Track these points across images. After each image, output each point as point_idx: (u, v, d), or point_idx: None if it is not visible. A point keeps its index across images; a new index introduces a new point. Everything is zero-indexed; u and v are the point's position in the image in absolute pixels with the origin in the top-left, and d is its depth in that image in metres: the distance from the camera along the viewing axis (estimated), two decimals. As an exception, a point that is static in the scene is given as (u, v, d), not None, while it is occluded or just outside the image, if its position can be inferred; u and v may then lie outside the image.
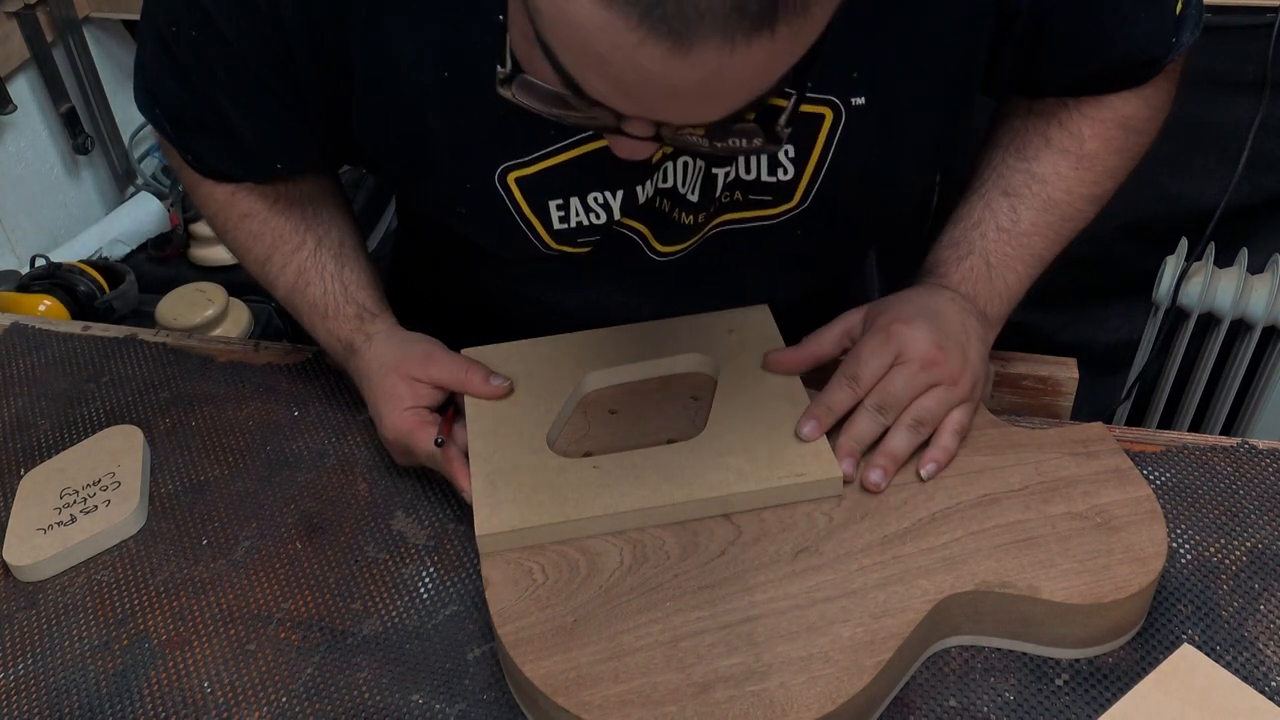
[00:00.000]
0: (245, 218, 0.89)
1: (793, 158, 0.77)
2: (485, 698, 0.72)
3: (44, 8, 1.66)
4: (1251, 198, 1.54)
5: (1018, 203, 0.83)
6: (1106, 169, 0.84)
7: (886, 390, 0.77)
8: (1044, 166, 0.83)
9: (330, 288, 0.88)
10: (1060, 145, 0.83)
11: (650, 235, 0.83)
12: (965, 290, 0.83)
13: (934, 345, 0.78)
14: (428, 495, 0.86)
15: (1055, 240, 0.85)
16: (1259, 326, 1.54)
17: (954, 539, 0.72)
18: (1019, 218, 0.83)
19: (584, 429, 0.82)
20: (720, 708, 0.64)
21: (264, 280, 0.91)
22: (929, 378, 0.77)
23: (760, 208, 0.81)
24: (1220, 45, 1.44)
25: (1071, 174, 0.83)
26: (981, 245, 0.84)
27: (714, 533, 0.74)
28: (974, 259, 0.84)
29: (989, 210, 0.84)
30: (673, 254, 0.84)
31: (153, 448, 0.93)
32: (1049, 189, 0.83)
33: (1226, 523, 0.79)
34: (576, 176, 0.77)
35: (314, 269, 0.89)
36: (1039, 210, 0.83)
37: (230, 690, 0.73)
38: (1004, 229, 0.83)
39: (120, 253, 1.73)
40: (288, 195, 0.89)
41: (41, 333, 1.08)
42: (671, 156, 0.76)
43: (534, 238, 0.81)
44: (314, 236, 0.89)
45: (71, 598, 0.81)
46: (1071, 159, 0.83)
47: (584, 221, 0.80)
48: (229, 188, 0.88)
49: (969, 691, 0.69)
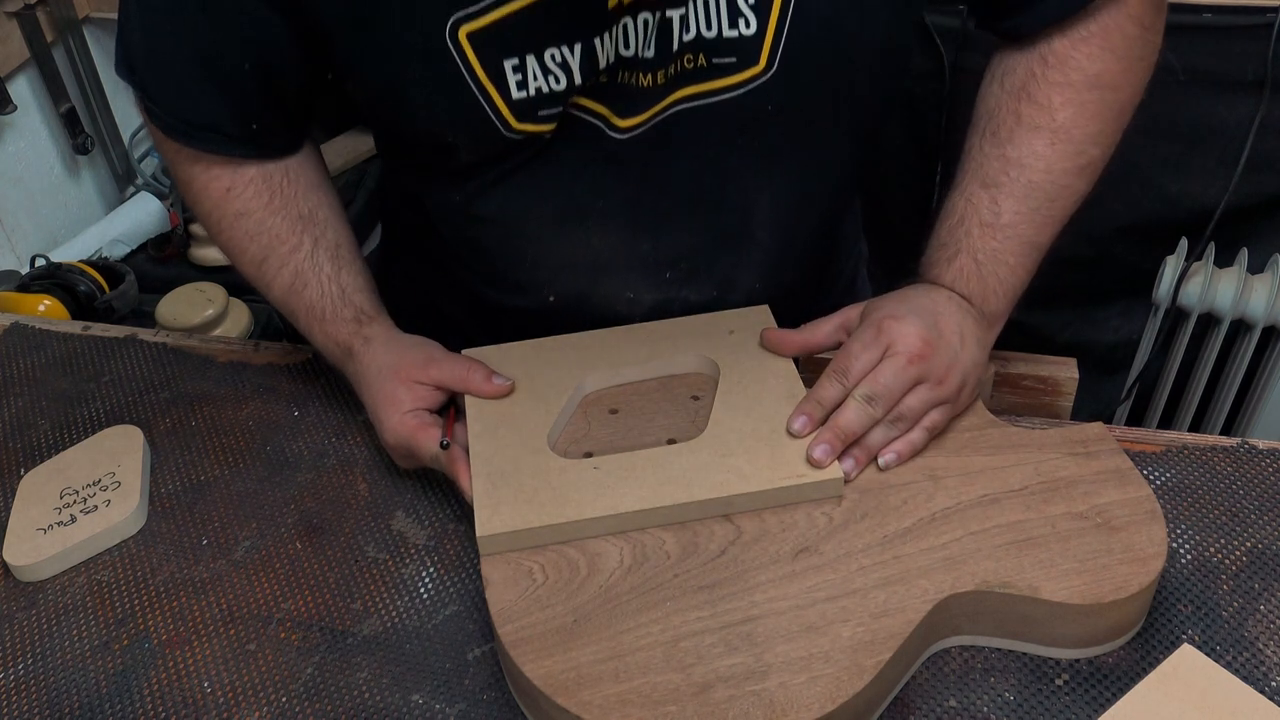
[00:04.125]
0: (240, 216, 0.88)
1: (753, 4, 0.75)
2: (485, 698, 0.72)
3: (44, 8, 1.66)
4: (1251, 198, 1.54)
5: (997, 194, 0.82)
6: (1086, 136, 0.82)
7: (875, 381, 0.77)
8: (1019, 149, 0.81)
9: (327, 290, 0.88)
10: (1032, 121, 0.81)
11: (610, 114, 0.80)
12: (960, 290, 0.83)
13: (923, 341, 0.77)
14: (428, 495, 0.86)
15: (1046, 222, 0.83)
16: (1259, 326, 1.54)
17: (954, 539, 0.72)
18: (1000, 210, 0.82)
19: (584, 429, 0.82)
20: (720, 708, 0.64)
21: (259, 282, 0.90)
22: (917, 372, 0.77)
23: (724, 75, 0.78)
24: (1220, 45, 1.44)
25: (1049, 151, 0.81)
26: (968, 244, 0.83)
27: (714, 533, 0.74)
28: (962, 258, 0.83)
29: (970, 206, 0.83)
30: (634, 129, 0.80)
31: (153, 448, 0.93)
32: (1027, 173, 0.81)
33: (1226, 523, 0.79)
34: (532, 28, 0.74)
35: (311, 270, 0.88)
36: (1020, 198, 0.82)
37: (230, 690, 0.73)
38: (987, 224, 0.82)
39: (120, 253, 1.73)
40: (283, 194, 0.88)
41: (41, 333, 1.08)
42: (629, 10, 0.74)
43: (493, 114, 0.78)
44: (310, 238, 0.89)
45: (71, 598, 0.81)
46: (1045, 135, 0.81)
47: (543, 87, 0.77)
48: (224, 184, 0.87)
49: (969, 691, 0.69)
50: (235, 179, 0.87)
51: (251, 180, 0.87)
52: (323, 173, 0.93)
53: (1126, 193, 1.59)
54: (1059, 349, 0.98)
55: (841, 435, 0.76)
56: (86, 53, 1.74)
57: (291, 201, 0.89)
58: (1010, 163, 0.82)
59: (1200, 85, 1.46)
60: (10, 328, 1.09)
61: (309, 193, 0.90)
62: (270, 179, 0.88)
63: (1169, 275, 1.54)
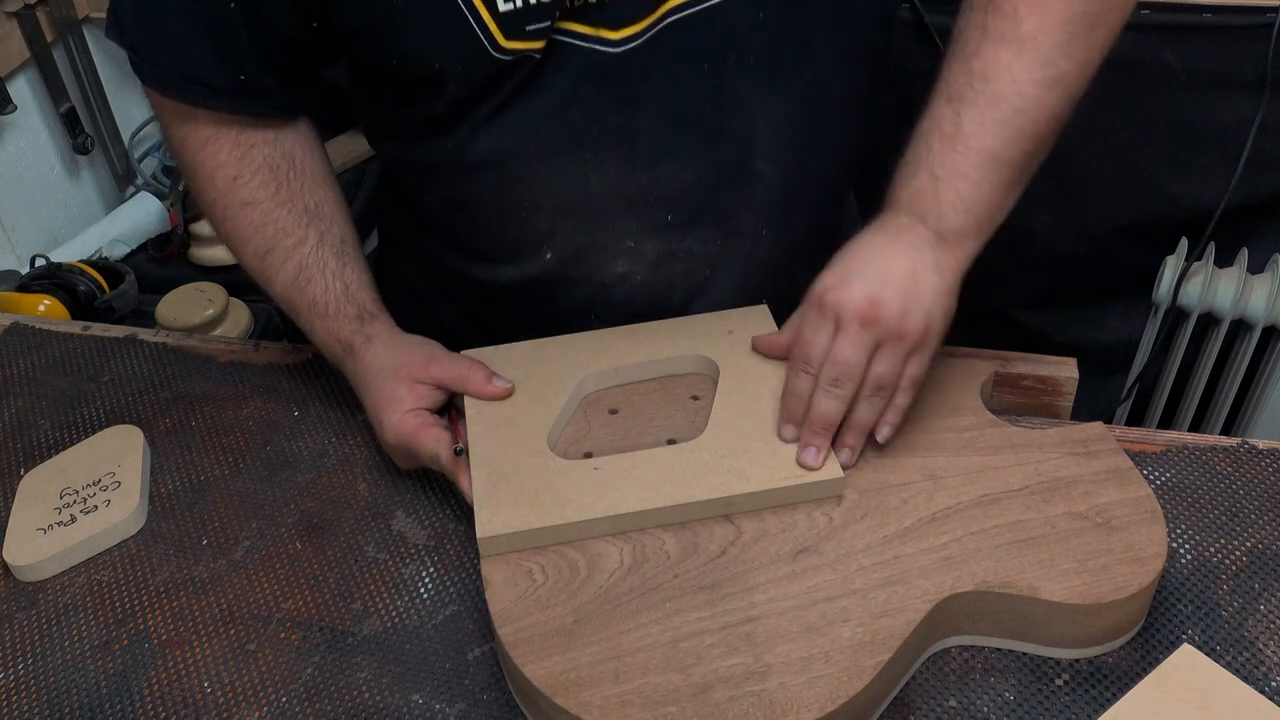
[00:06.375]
0: (247, 206, 0.88)
1: None
2: (485, 698, 0.72)
3: (44, 8, 1.66)
4: (1251, 198, 1.54)
5: (960, 106, 0.78)
6: (1055, 45, 0.77)
7: (835, 362, 0.75)
8: (984, 61, 0.78)
9: (331, 286, 0.88)
10: (998, 33, 0.78)
11: (602, 30, 0.79)
12: (916, 209, 0.79)
13: (868, 300, 0.75)
14: (428, 495, 0.86)
15: (1015, 136, 0.78)
16: (1259, 326, 1.54)
17: (954, 539, 0.72)
18: (961, 120, 0.78)
19: (584, 429, 0.82)
20: (720, 708, 0.63)
21: (261, 275, 0.90)
22: (873, 336, 0.75)
23: None
24: (1220, 45, 1.44)
25: (1014, 60, 0.77)
26: (927, 158, 0.79)
27: (714, 533, 0.74)
28: (920, 175, 0.79)
29: (932, 120, 0.79)
30: (628, 41, 0.79)
31: (153, 448, 0.93)
32: (992, 84, 0.77)
33: (1226, 523, 0.79)
34: None
35: (315, 265, 0.88)
36: (983, 108, 0.78)
37: (230, 690, 0.73)
38: (947, 136, 0.78)
39: (120, 253, 1.73)
40: (290, 185, 0.88)
41: (41, 333, 1.08)
42: None
43: (481, 31, 0.77)
44: (316, 232, 0.88)
45: (71, 598, 0.81)
46: (1011, 45, 0.77)
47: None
48: (230, 172, 0.87)
49: (969, 691, 0.69)
50: (242, 167, 0.87)
51: (258, 170, 0.87)
52: (328, 168, 0.93)
53: (1126, 193, 1.59)
54: (1059, 349, 0.98)
55: (822, 429, 0.75)
56: (86, 53, 1.74)
57: (298, 194, 0.88)
58: (975, 75, 0.78)
59: (1200, 85, 1.46)
60: (10, 328, 1.09)
61: (315, 186, 0.90)
62: (276, 170, 0.88)
63: (1169, 275, 1.54)
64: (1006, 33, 0.77)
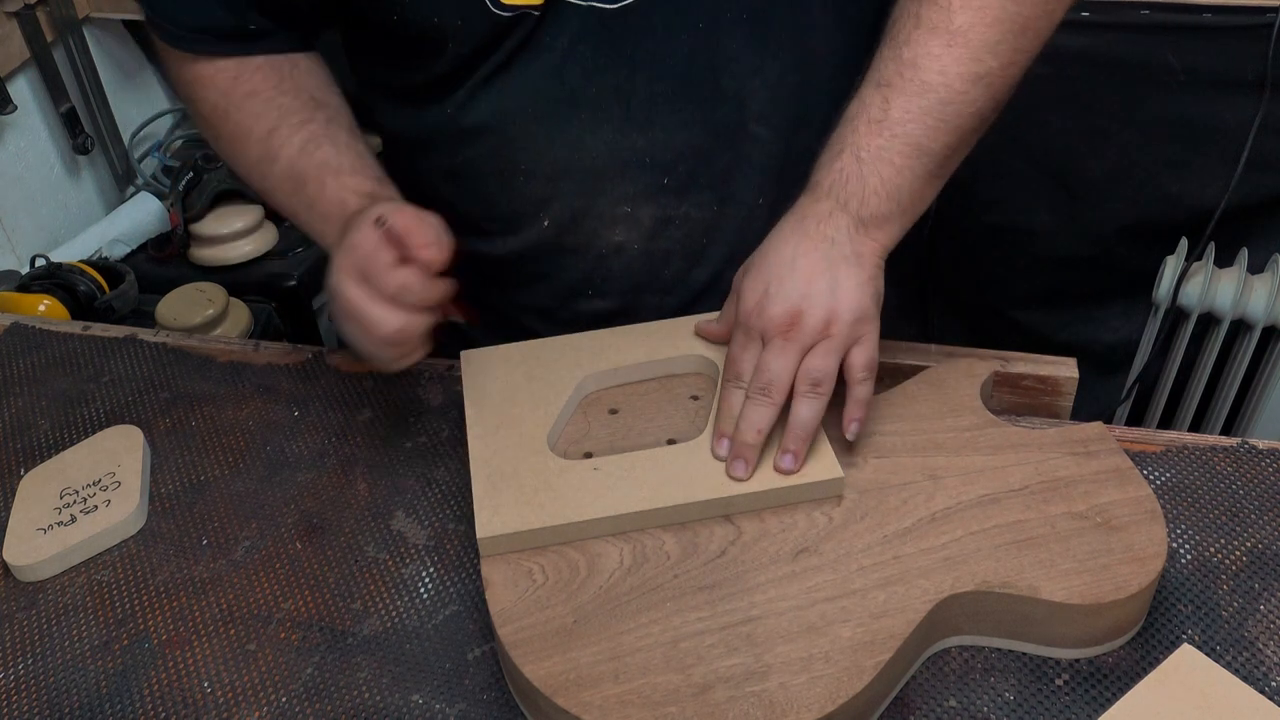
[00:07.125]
0: (249, 97, 0.86)
1: None
2: (485, 698, 0.72)
3: (44, 8, 1.66)
4: (1251, 198, 1.54)
5: (889, 93, 0.78)
6: (984, 43, 0.77)
7: (762, 371, 0.75)
8: (914, 50, 0.78)
9: (345, 153, 0.84)
10: (930, 23, 0.78)
11: None
12: (838, 195, 0.78)
13: (788, 316, 0.75)
14: (428, 495, 0.86)
15: (939, 128, 0.78)
16: (1259, 326, 1.54)
17: (954, 539, 0.72)
18: (890, 107, 0.78)
19: (584, 429, 0.82)
20: (720, 708, 0.64)
21: (266, 156, 0.85)
22: (798, 343, 0.75)
23: None
24: (1220, 45, 1.44)
25: (944, 53, 0.77)
26: (853, 140, 0.79)
27: (714, 533, 0.74)
28: (845, 157, 0.79)
29: (861, 105, 0.79)
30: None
31: (153, 448, 0.93)
32: (921, 73, 0.78)
33: (1226, 523, 0.79)
34: None
35: (326, 136, 0.85)
36: (912, 96, 0.78)
37: (230, 690, 0.73)
38: (875, 121, 0.78)
39: (120, 253, 1.73)
40: (293, 79, 0.87)
41: (41, 333, 1.08)
42: None
43: None
44: (324, 114, 0.86)
45: (71, 598, 0.81)
46: (942, 36, 0.77)
47: None
48: (231, 73, 0.86)
49: (969, 691, 0.69)
50: (242, 67, 0.86)
51: (259, 67, 0.86)
52: (333, 79, 0.91)
53: (1126, 193, 1.59)
54: (1059, 349, 0.98)
55: (752, 437, 0.75)
56: (86, 53, 1.75)
57: (302, 87, 0.87)
58: (905, 63, 0.78)
59: (1200, 85, 1.47)
60: (10, 328, 1.09)
61: (320, 86, 0.88)
62: (279, 67, 0.87)
63: (1169, 275, 1.54)
64: (938, 24, 0.77)
